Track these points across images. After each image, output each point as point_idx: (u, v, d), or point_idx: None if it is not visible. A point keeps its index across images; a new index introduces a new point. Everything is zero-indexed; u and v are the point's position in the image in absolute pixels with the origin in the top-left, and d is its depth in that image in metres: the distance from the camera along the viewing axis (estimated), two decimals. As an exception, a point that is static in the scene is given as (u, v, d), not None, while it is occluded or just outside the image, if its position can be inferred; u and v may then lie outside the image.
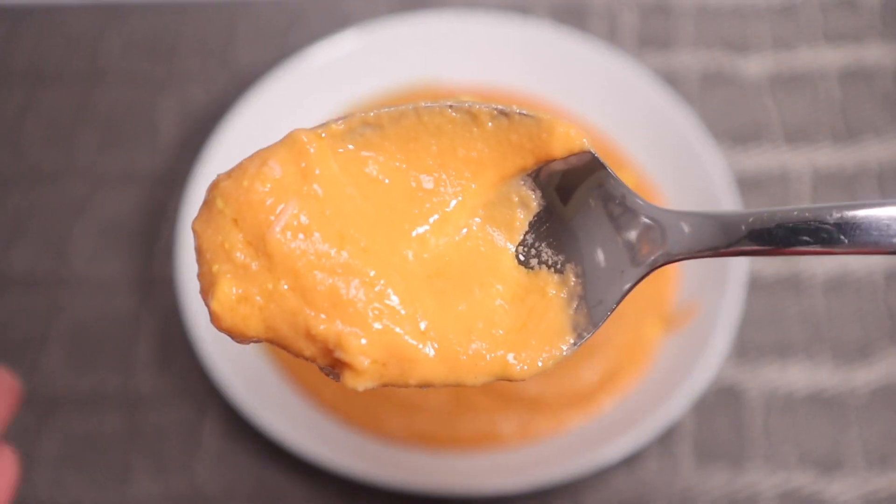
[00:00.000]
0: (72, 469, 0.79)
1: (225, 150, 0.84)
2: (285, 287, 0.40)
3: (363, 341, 0.39)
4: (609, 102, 0.88)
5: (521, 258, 0.44)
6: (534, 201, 0.44)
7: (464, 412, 0.78)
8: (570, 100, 0.89)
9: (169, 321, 0.83)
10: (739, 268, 0.79)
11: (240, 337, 0.40)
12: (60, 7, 0.99)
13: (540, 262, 0.44)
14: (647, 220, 0.43)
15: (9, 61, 0.96)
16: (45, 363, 0.82)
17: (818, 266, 0.85)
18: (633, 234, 0.43)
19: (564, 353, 0.43)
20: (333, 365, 0.40)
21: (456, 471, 0.76)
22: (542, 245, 0.44)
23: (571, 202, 0.44)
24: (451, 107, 0.43)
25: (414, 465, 0.75)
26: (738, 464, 0.78)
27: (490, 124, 0.43)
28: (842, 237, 0.40)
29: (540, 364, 0.42)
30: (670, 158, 0.85)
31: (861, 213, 0.40)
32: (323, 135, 0.42)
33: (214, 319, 0.40)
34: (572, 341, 0.43)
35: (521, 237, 0.45)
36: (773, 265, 0.84)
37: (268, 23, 0.98)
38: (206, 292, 0.40)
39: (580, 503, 0.77)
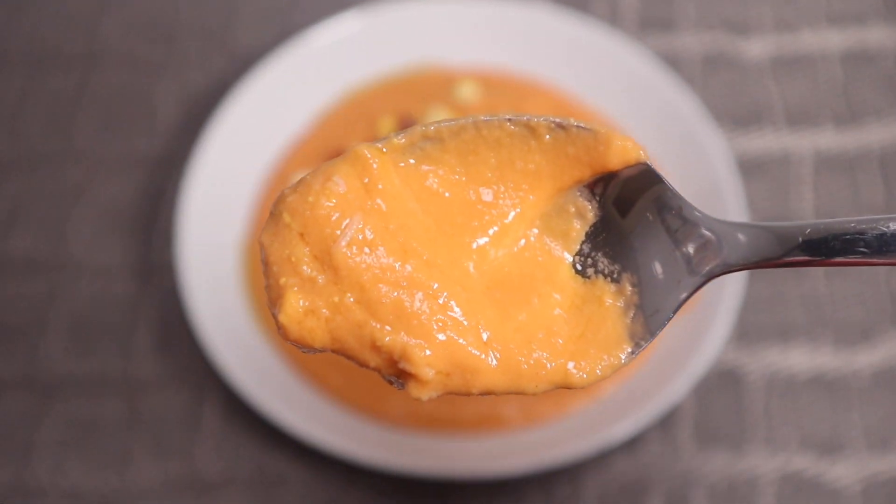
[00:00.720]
0: (72, 454, 0.79)
1: (224, 134, 0.83)
2: (351, 300, 0.41)
3: (427, 352, 0.40)
4: (610, 85, 0.88)
5: (578, 268, 0.45)
6: (590, 212, 0.45)
7: (465, 395, 0.78)
8: (571, 82, 0.89)
9: (168, 305, 0.83)
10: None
11: (306, 348, 0.41)
12: (59, -11, 0.98)
13: (596, 272, 0.45)
14: (704, 232, 0.44)
15: (7, 44, 0.95)
16: (45, 348, 0.82)
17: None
18: (690, 245, 0.44)
19: (623, 362, 0.44)
20: (398, 375, 0.41)
21: (458, 454, 0.76)
22: (599, 255, 0.45)
23: (628, 213, 0.45)
24: (509, 120, 0.43)
25: (415, 449, 0.75)
26: (738, 447, 0.78)
27: (548, 137, 0.44)
28: None
29: (599, 372, 0.43)
30: (672, 141, 0.84)
31: None
32: (384, 149, 0.43)
33: (282, 331, 0.41)
34: (630, 350, 0.44)
35: (578, 247, 0.45)
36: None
37: (267, 4, 0.97)
38: (274, 304, 0.41)
39: (581, 486, 0.77)
